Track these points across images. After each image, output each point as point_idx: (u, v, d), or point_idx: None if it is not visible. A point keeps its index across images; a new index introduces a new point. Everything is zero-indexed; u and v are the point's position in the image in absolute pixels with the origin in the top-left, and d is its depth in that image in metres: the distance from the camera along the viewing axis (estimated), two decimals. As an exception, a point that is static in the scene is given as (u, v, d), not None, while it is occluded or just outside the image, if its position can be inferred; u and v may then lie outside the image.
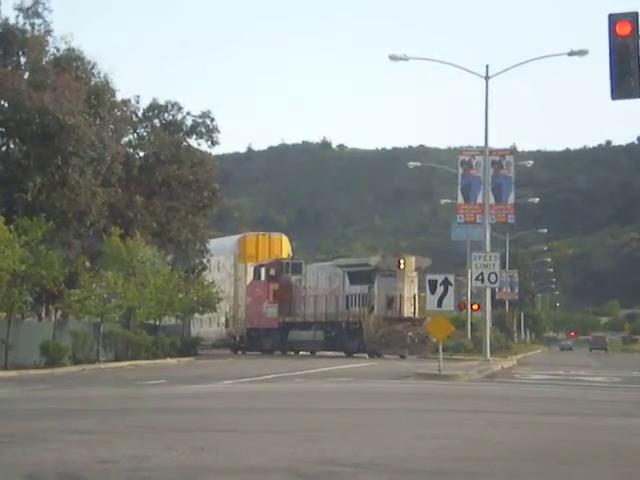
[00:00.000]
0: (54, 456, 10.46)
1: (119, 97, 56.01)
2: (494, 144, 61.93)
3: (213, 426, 14.06)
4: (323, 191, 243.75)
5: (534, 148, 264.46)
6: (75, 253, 46.95)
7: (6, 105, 46.73)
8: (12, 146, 47.77)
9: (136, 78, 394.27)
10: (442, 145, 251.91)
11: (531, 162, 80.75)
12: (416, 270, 55.04)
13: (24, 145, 46.70)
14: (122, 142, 57.53)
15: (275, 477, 9.09)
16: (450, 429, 13.97)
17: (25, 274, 36.66)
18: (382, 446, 11.60)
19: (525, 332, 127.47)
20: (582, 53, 44.71)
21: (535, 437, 13.14)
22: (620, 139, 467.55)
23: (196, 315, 60.78)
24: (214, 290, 56.60)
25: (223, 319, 68.73)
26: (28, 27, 49.13)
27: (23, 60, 49.32)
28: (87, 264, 47.96)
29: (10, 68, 48.11)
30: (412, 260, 55.68)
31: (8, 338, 36.39)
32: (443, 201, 77.85)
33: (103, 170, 49.45)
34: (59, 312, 49.22)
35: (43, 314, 50.71)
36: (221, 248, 68.95)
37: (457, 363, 41.21)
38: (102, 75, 52.70)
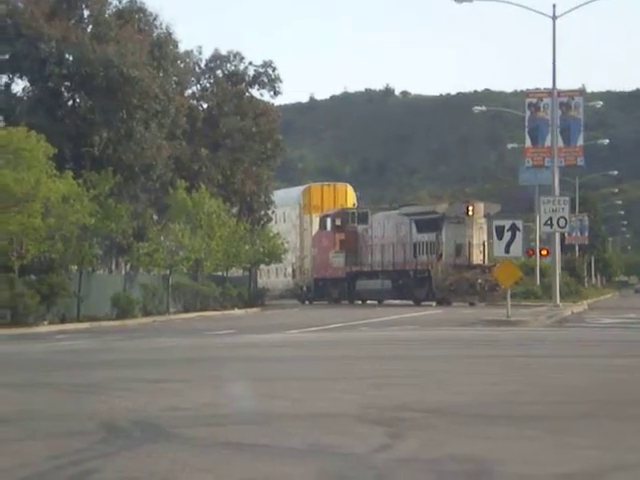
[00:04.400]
0: (128, 404, 10.60)
1: (181, 49, 56.16)
2: (562, 86, 60.96)
3: (281, 374, 14.15)
4: (386, 139, 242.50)
5: (604, 89, 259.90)
6: (142, 206, 47.41)
7: (70, 59, 47.04)
8: (78, 100, 48.13)
9: (198, 29, 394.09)
10: (508, 89, 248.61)
11: (600, 103, 79.40)
12: (485, 216, 54.61)
13: (89, 99, 47.03)
14: (185, 94, 57.72)
15: (343, 423, 9.11)
16: (519, 374, 13.89)
17: (94, 228, 37.08)
18: (449, 392, 11.57)
19: (595, 276, 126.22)
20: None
21: (607, 380, 13.03)
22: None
23: (262, 266, 61.11)
24: (279, 241, 56.81)
25: (290, 270, 69.01)
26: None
27: (86, 13, 49.56)
28: (154, 217, 48.43)
29: (73, 22, 48.37)
30: (481, 206, 55.26)
31: (80, 291, 36.92)
32: (510, 145, 77.03)
33: (167, 123, 49.68)
34: (128, 265, 49.79)
35: (113, 267, 51.36)
36: (286, 199, 69.06)
37: (526, 309, 40.97)
38: (164, 26, 52.81)
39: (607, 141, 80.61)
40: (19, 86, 49.17)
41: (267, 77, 61.73)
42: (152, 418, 9.47)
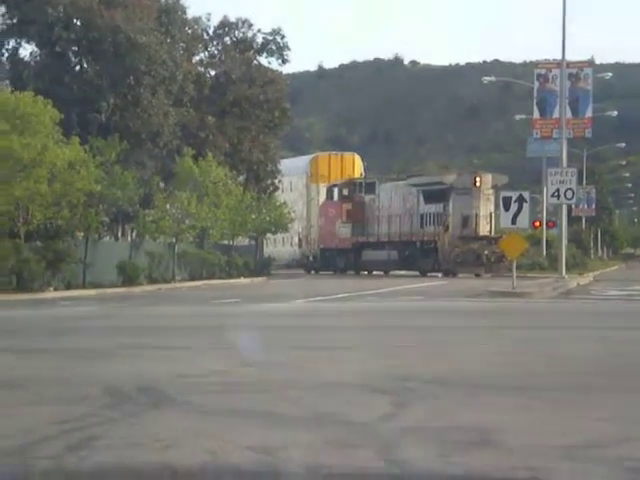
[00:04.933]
0: (134, 371, 10.61)
1: (190, 15, 55.95)
2: (571, 57, 60.69)
3: (286, 342, 14.16)
4: (395, 109, 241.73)
5: (613, 60, 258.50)
6: (149, 174, 47.36)
7: (78, 24, 46.89)
8: (85, 66, 48.01)
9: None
10: (517, 59, 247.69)
11: (610, 74, 78.96)
12: (492, 188, 54.50)
13: (97, 65, 46.91)
14: (193, 61, 57.54)
15: (348, 391, 9.11)
16: (524, 345, 13.89)
17: (100, 194, 37.06)
18: (457, 362, 11.57)
19: (602, 249, 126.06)
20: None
21: (614, 352, 13.01)
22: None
23: (269, 235, 61.10)
24: (286, 210, 56.75)
25: (296, 239, 69.01)
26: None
27: (94, -22, 49.33)
28: (161, 185, 48.38)
29: (82, -14, 48.18)
30: (488, 177, 55.13)
31: (86, 257, 36.95)
32: (518, 117, 76.73)
33: (175, 90, 49.55)
34: (135, 232, 49.80)
35: (119, 234, 51.39)
36: (293, 168, 68.95)
37: (532, 281, 40.97)
38: (172, -7, 52.55)
39: (615, 113, 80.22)
40: (26, 51, 49.22)
41: (275, 45, 61.50)
42: (158, 384, 9.47)
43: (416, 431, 7.19)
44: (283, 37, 61.64)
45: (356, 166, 71.07)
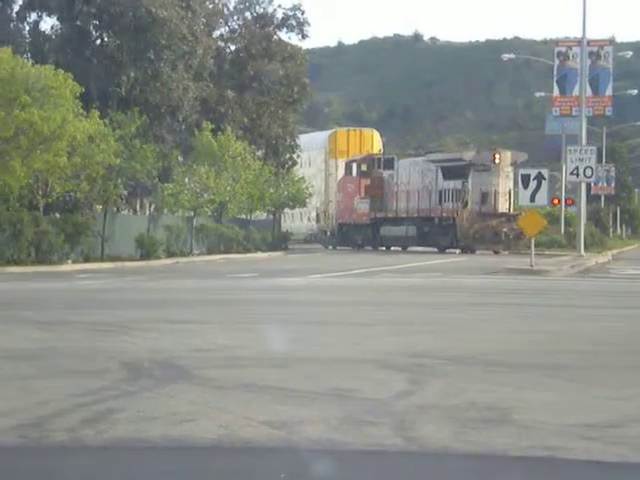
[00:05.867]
0: (150, 344, 10.64)
1: (210, -10, 55.72)
2: (592, 35, 60.18)
3: (303, 318, 14.16)
4: (414, 86, 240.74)
5: (633, 39, 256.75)
6: (168, 148, 47.36)
7: (99, -2, 46.84)
8: (106, 39, 47.97)
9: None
10: (537, 37, 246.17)
11: (630, 53, 78.35)
12: (512, 165, 54.28)
13: (117, 39, 46.86)
14: (214, 36, 57.41)
15: (364, 368, 9.11)
16: (541, 323, 13.85)
17: (120, 168, 37.09)
18: (472, 339, 11.55)
19: (621, 227, 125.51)
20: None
21: (632, 331, 12.96)
22: None
23: (287, 210, 61.07)
24: (304, 185, 56.66)
25: (314, 214, 68.95)
26: None
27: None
28: (180, 159, 48.40)
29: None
30: (508, 155, 54.90)
31: (104, 231, 37.04)
32: (538, 94, 76.30)
33: (195, 64, 49.48)
34: (153, 206, 49.88)
35: (138, 208, 51.48)
36: (311, 144, 68.82)
37: (550, 259, 40.84)
38: (193, -34, 52.33)
39: (636, 92, 79.63)
40: (47, 24, 49.24)
41: (295, 20, 61.30)
42: (174, 359, 9.49)
43: (432, 409, 7.18)
44: (303, 13, 61.48)
45: (375, 142, 70.86)
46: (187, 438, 6.18)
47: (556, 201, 63.01)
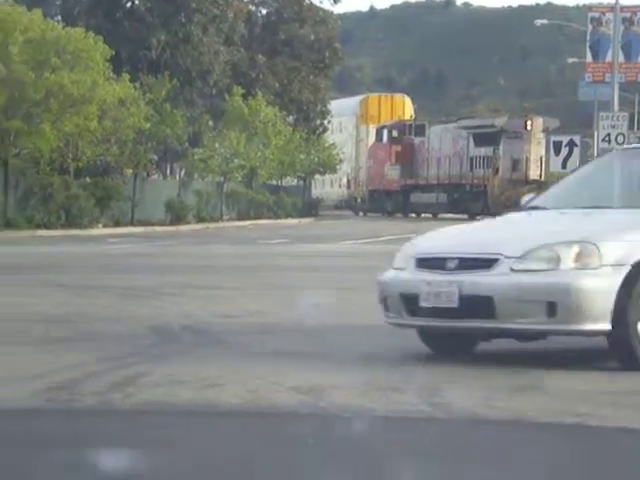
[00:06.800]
0: (179, 310, 10.66)
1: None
2: (625, 1, 59.55)
3: (334, 284, 14.12)
4: (446, 51, 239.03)
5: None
6: (198, 112, 47.34)
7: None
8: (137, 2, 47.88)
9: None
10: (570, 2, 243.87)
11: (664, 19, 77.41)
12: (543, 131, 53.93)
13: (148, 1, 46.78)
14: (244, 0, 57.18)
15: (396, 335, 9.06)
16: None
17: (150, 132, 37.10)
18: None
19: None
20: None
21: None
22: None
23: (317, 176, 60.98)
24: (335, 152, 56.52)
25: (344, 181, 68.84)
26: None
27: None
28: (210, 123, 48.36)
29: None
30: (539, 121, 54.53)
31: (134, 195, 37.12)
32: (570, 60, 75.64)
33: (225, 28, 49.34)
34: (183, 171, 49.94)
35: (168, 173, 51.57)
36: (342, 109, 68.54)
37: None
38: None
39: (670, 57, 78.63)
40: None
41: (327, -16, 60.97)
42: (203, 324, 9.50)
43: (460, 376, 7.14)
44: (334, -25, 61.11)
45: (406, 108, 70.52)
46: (215, 402, 6.18)
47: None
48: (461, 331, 7.70)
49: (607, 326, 7.17)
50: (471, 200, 54.90)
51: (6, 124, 32.22)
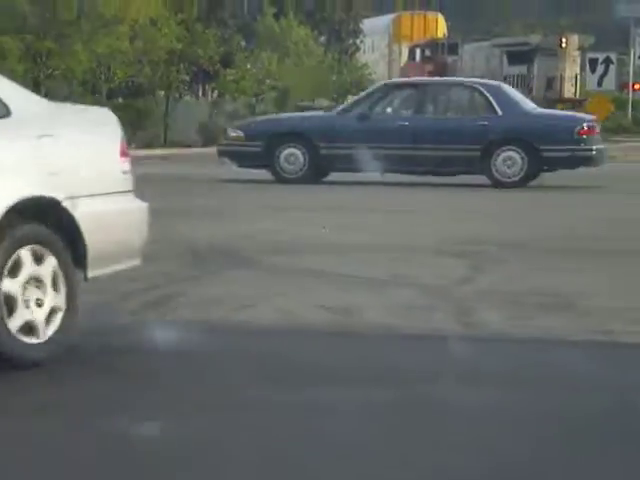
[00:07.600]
0: (213, 231, 10.64)
1: None
2: None
3: (358, 205, 14.07)
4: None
5: None
6: (230, 32, 46.98)
7: None
8: None
9: None
10: None
11: None
12: (579, 49, 53.19)
13: None
14: None
15: (421, 254, 9.10)
16: (606, 211, 13.62)
17: (181, 53, 36.90)
18: (525, 227, 11.42)
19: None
20: None
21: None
22: None
23: (350, 97, 60.55)
24: (367, 72, 56.05)
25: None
26: None
27: None
28: (242, 44, 48.03)
29: None
30: (575, 38, 53.73)
31: (167, 116, 37.06)
32: (608, -24, 74.31)
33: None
34: (215, 92, 49.75)
35: (200, 94, 51.43)
36: (375, 28, 67.76)
37: (616, 144, 40.13)
38: None
39: None
40: None
41: None
42: (234, 245, 9.54)
43: (492, 294, 7.16)
44: None
45: (439, 26, 69.66)
46: (246, 322, 6.25)
47: (626, 86, 61.66)
48: None
49: None
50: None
51: (38, 44, 32.14)
